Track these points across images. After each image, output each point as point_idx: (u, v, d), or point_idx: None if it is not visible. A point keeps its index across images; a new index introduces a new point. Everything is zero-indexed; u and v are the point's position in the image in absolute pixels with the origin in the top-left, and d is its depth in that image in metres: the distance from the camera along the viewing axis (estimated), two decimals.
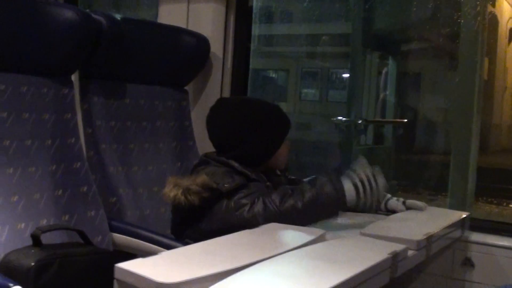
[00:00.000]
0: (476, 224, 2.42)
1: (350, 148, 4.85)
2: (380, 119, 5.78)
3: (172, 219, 2.10)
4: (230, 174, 2.00)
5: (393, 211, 2.24)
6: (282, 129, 2.16)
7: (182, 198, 1.89)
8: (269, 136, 2.11)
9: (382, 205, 2.26)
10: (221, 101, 2.24)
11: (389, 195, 2.27)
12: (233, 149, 2.09)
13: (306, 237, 1.71)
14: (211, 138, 2.17)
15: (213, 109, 2.18)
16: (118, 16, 2.39)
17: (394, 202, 2.25)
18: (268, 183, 2.09)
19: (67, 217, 2.13)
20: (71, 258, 1.87)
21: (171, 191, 1.92)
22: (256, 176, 2.06)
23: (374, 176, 1.96)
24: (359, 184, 1.93)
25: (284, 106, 8.93)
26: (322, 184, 1.95)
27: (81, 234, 2.00)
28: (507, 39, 8.64)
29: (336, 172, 2.02)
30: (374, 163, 2.02)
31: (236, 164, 2.05)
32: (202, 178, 1.94)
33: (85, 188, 2.19)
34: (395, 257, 1.63)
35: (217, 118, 2.16)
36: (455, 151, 4.26)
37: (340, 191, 1.92)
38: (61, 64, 2.21)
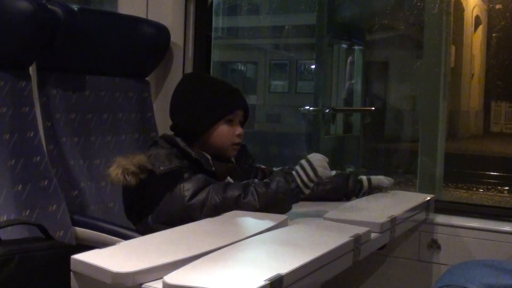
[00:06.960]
0: (441, 206, 2.43)
1: (318, 138, 4.84)
2: (348, 108, 5.78)
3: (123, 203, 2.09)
4: (171, 157, 1.95)
5: (378, 189, 2.29)
6: (222, 104, 2.09)
7: (122, 178, 1.87)
8: (205, 107, 2.06)
9: (366, 185, 2.27)
10: (184, 75, 2.26)
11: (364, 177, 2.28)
12: (175, 118, 2.10)
13: (268, 223, 1.69)
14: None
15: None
16: (75, 7, 2.35)
17: (377, 178, 2.28)
18: (227, 180, 2.05)
19: (28, 212, 2.09)
20: (31, 253, 1.82)
21: (114, 170, 1.89)
22: (198, 155, 2.00)
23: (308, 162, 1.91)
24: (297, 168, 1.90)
25: (253, 99, 8.93)
26: (272, 179, 1.92)
27: (42, 228, 1.95)
28: (473, 27, 8.69)
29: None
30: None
31: (179, 140, 2.01)
32: (138, 158, 1.91)
33: (45, 182, 2.15)
34: (357, 240, 1.62)
35: (175, 90, 2.18)
36: (423, 137, 4.29)
37: (292, 182, 1.87)
38: (17, 57, 2.18)
